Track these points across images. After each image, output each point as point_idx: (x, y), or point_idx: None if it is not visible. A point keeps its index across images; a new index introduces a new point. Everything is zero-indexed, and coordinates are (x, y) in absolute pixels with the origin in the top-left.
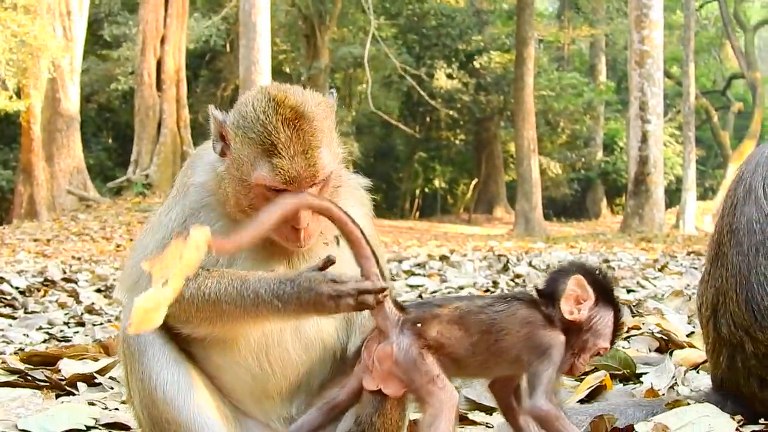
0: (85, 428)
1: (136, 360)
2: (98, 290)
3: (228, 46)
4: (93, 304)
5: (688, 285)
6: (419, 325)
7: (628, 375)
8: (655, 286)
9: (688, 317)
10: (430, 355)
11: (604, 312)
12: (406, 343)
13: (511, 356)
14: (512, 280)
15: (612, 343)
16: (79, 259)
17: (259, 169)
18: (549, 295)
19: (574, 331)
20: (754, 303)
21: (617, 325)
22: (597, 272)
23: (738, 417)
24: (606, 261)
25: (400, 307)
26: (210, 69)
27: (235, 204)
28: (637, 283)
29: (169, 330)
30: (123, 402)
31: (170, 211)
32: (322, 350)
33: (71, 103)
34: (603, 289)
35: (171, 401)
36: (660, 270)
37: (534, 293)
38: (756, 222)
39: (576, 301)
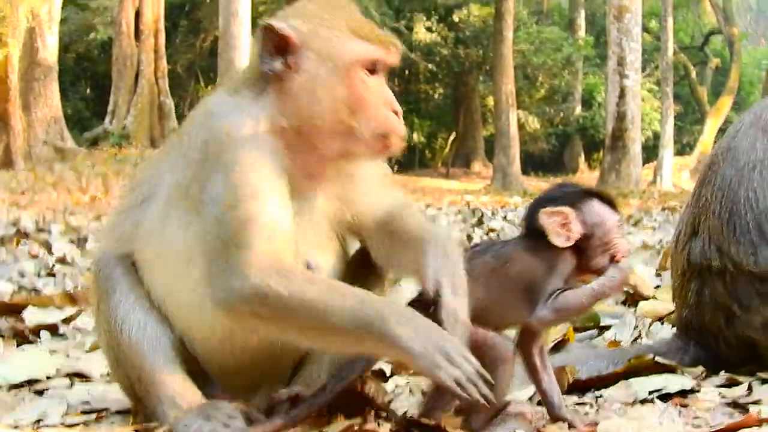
0: (45, 378)
1: (104, 301)
2: (71, 241)
3: None
4: (65, 255)
5: (661, 240)
6: None
7: (592, 328)
8: (628, 241)
9: (656, 270)
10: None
11: (590, 209)
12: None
13: (525, 283)
14: (486, 234)
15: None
16: (53, 210)
17: (356, 48)
18: (537, 232)
19: (582, 243)
20: (737, 216)
21: (612, 206)
22: (558, 187)
23: (701, 369)
24: None
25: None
26: (189, 19)
27: (330, 115)
28: None
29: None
30: (87, 351)
31: (213, 184)
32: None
33: (49, 52)
34: (571, 195)
35: (136, 346)
36: (634, 225)
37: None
38: (759, 141)
39: (561, 227)
